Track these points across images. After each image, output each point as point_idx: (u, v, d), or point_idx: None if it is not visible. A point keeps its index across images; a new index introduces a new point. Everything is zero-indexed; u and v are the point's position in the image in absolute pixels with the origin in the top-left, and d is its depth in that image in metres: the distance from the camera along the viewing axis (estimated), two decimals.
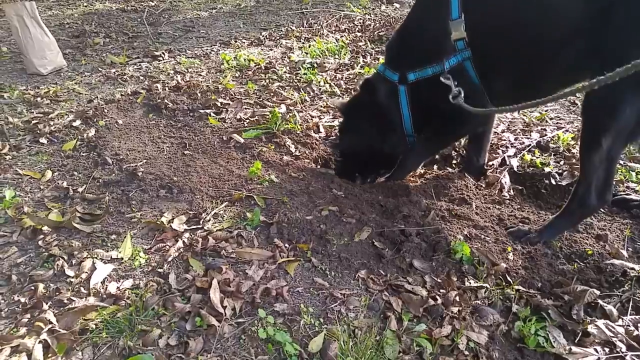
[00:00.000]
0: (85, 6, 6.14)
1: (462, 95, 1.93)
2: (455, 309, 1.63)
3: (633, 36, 1.64)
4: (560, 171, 2.49)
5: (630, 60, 1.03)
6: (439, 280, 1.78)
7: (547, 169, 2.50)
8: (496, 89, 2.05)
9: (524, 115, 3.15)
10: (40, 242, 1.95)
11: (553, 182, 2.43)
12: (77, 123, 2.96)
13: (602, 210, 2.20)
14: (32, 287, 1.71)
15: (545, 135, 2.84)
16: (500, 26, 1.92)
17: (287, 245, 1.93)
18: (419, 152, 2.44)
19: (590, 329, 1.55)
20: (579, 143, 1.95)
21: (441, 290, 1.74)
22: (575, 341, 1.55)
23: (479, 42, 1.95)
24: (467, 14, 1.91)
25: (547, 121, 3.06)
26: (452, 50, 1.99)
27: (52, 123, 2.97)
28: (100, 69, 4.00)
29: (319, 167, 2.72)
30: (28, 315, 1.59)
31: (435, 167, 2.72)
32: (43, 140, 2.78)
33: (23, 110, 3.19)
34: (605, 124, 1.70)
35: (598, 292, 1.68)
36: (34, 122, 2.98)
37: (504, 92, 2.07)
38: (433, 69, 2.08)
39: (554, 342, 1.52)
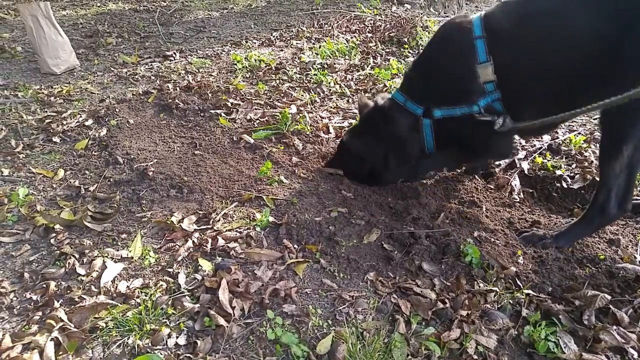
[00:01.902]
0: (99, 6, 6.21)
1: (508, 118, 2.01)
2: (464, 313, 1.62)
3: None
4: (571, 174, 2.46)
5: None
6: (448, 284, 1.77)
7: (558, 172, 2.47)
8: (522, 119, 2.07)
9: None
10: (52, 241, 1.97)
11: (564, 185, 2.40)
12: (89, 122, 2.99)
13: None
14: (44, 285, 1.73)
15: (557, 138, 2.81)
16: (527, 64, 1.95)
17: (296, 246, 1.93)
18: (432, 162, 2.43)
19: (602, 335, 1.53)
20: (598, 150, 1.94)
21: (450, 294, 1.73)
22: (586, 347, 1.53)
23: (507, 81, 1.99)
24: (494, 56, 1.96)
25: None
26: (480, 92, 2.03)
27: (64, 122, 3.00)
28: (112, 69, 4.04)
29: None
30: (40, 313, 1.62)
31: (445, 169, 2.70)
32: (56, 139, 2.82)
33: (37, 109, 3.23)
34: (627, 132, 1.69)
35: (610, 298, 1.66)
36: (47, 121, 3.02)
37: (529, 117, 2.08)
38: (462, 110, 2.11)
39: (564, 347, 1.51)
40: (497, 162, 2.62)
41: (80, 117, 3.08)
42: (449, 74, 2.13)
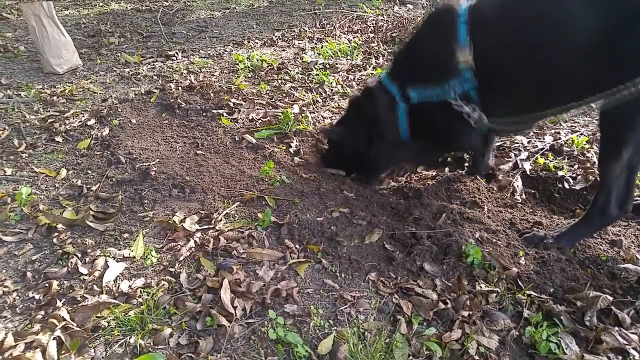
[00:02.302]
0: (101, 6, 6.22)
1: (478, 111, 1.95)
2: (465, 313, 1.62)
3: None
4: (574, 175, 2.46)
5: None
6: (449, 284, 1.77)
7: (560, 173, 2.47)
8: (497, 108, 2.05)
9: None
10: (54, 240, 1.98)
11: (566, 186, 2.40)
12: (92, 122, 3.00)
13: None
14: (47, 284, 1.74)
15: (559, 138, 2.81)
16: (509, 52, 1.91)
17: (297, 246, 1.93)
18: (404, 150, 2.41)
19: (603, 336, 1.53)
20: (598, 152, 1.93)
21: (452, 294, 1.73)
22: (588, 348, 1.53)
23: (485, 67, 1.95)
24: (474, 40, 1.93)
25: (561, 124, 3.02)
26: (456, 73, 1.99)
27: (67, 122, 3.01)
28: (114, 69, 4.05)
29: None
30: (42, 312, 1.62)
31: (446, 169, 2.71)
32: (58, 138, 2.83)
33: (39, 109, 3.24)
34: (626, 134, 1.68)
35: (611, 299, 1.66)
36: (49, 120, 3.02)
37: (504, 110, 2.06)
38: (437, 94, 2.08)
39: (565, 348, 1.51)
40: (502, 166, 2.61)
41: (83, 116, 3.08)
42: (428, 51, 2.13)
